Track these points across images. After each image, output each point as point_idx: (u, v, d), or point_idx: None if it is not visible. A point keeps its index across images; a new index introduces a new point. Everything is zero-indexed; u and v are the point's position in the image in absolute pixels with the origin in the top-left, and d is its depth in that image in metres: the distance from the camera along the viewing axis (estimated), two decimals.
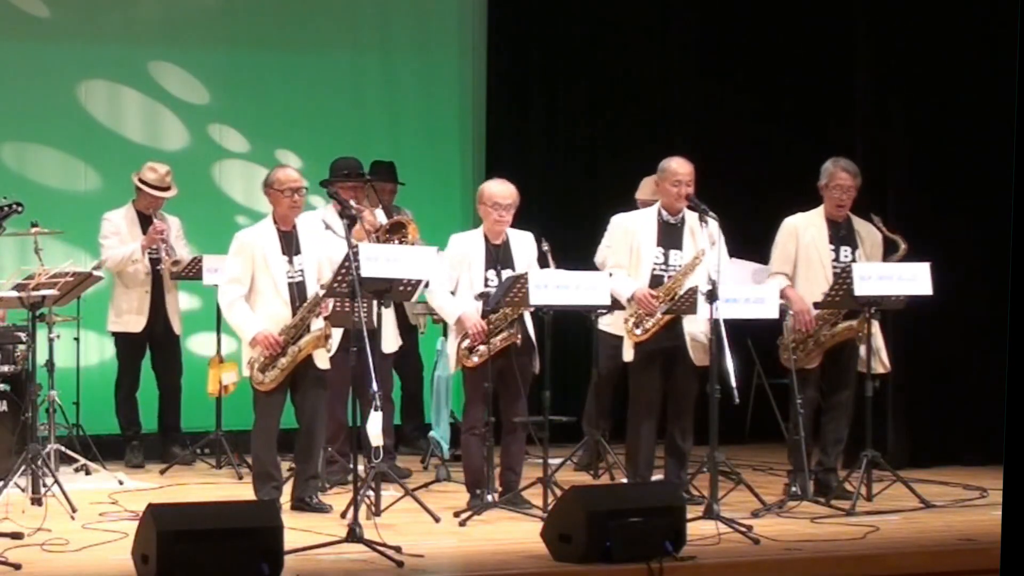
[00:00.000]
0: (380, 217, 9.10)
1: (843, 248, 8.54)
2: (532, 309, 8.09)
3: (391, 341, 8.99)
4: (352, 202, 8.38)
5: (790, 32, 11.45)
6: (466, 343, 8.05)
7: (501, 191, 8.21)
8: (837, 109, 10.76)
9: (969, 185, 9.83)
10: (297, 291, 7.92)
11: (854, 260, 8.49)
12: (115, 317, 9.98)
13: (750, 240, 8.77)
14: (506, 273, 8.13)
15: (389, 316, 8.86)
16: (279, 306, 7.88)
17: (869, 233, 8.60)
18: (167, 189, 9.94)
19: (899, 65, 10.06)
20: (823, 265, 8.48)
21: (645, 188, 9.65)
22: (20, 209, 7.68)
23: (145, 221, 9.89)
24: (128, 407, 10.04)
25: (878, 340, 8.52)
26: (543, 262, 8.67)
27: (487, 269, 8.15)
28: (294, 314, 7.87)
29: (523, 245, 8.29)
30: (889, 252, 8.55)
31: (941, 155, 9.94)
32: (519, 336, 8.06)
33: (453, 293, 8.15)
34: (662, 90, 11.69)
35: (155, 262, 9.87)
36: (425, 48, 11.64)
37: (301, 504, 8.03)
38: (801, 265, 8.50)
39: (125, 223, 9.93)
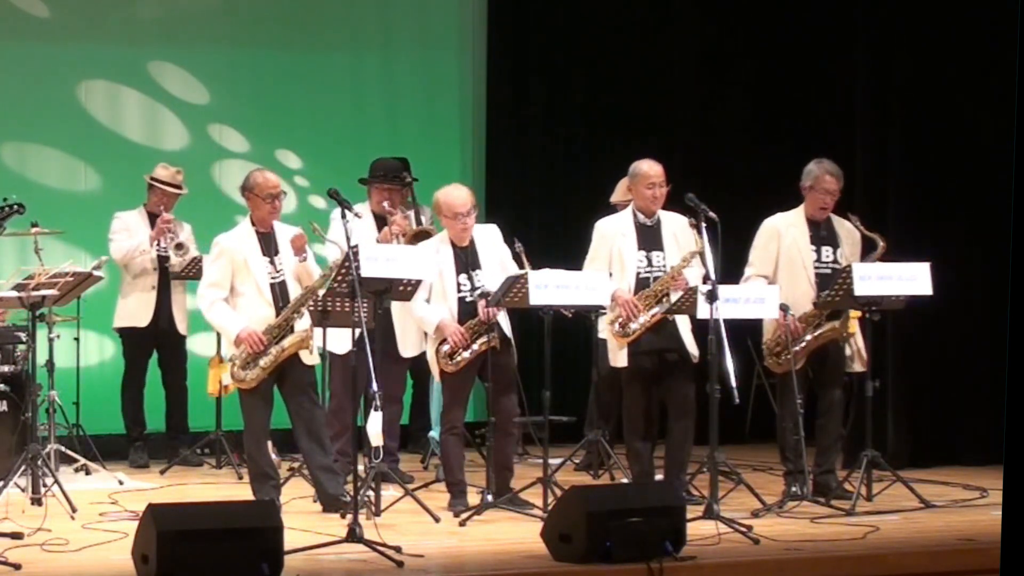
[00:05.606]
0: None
1: (824, 248, 8.51)
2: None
3: (413, 345, 8.90)
4: (386, 204, 8.85)
5: (790, 33, 11.46)
6: (445, 348, 8.00)
7: (458, 198, 8.08)
8: (837, 110, 10.76)
9: (969, 185, 9.83)
10: (279, 291, 7.90)
11: (836, 260, 8.48)
12: (121, 312, 9.97)
13: (748, 242, 8.74)
14: (476, 274, 8.09)
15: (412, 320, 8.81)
16: (263, 307, 7.86)
17: (848, 232, 8.57)
18: (179, 187, 9.95)
19: (899, 66, 10.06)
20: (805, 266, 8.45)
21: (619, 191, 9.62)
22: (22, 211, 7.69)
23: (155, 221, 9.89)
24: (134, 407, 10.04)
25: (858, 339, 8.51)
26: (518, 262, 8.50)
27: (458, 274, 8.08)
28: (278, 314, 7.84)
29: (487, 239, 8.17)
30: (867, 251, 8.52)
31: (941, 155, 9.93)
32: (497, 339, 7.94)
33: (428, 301, 8.06)
34: (662, 89, 11.68)
35: (164, 260, 9.88)
36: (425, 47, 11.63)
37: (337, 503, 7.82)
38: (784, 266, 8.47)
39: (135, 221, 9.95)
